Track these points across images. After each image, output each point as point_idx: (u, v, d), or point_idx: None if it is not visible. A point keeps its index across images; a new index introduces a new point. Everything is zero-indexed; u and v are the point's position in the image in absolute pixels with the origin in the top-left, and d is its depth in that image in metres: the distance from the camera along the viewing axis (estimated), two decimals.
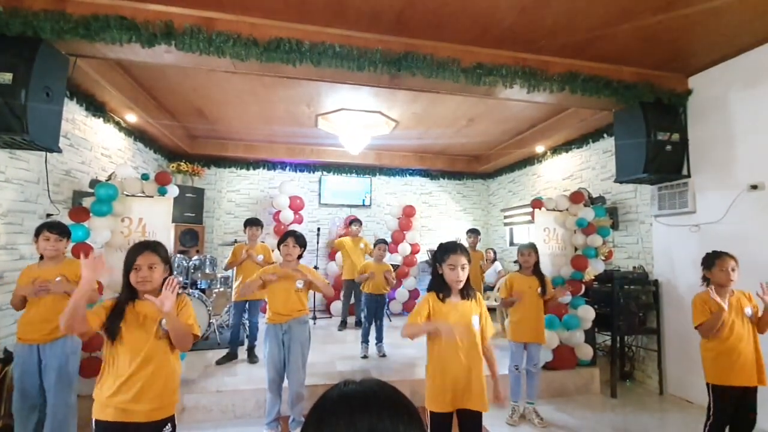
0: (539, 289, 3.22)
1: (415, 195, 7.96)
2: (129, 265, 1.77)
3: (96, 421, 1.69)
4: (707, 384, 2.47)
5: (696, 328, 2.47)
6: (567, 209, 4.11)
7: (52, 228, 2.52)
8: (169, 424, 1.79)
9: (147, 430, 1.72)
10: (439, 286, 2.09)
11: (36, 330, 2.43)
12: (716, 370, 2.42)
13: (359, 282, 4.58)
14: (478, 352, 2.06)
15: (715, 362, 2.43)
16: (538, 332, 3.24)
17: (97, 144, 4.53)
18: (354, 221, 5.91)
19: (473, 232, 5.48)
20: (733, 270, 2.41)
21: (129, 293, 1.78)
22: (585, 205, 4.08)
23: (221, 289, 5.39)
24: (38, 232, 2.51)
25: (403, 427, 0.55)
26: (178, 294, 1.80)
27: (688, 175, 3.74)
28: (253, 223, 4.35)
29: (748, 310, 2.44)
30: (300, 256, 2.98)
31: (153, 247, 1.82)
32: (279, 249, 2.96)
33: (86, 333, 1.76)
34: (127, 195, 3.34)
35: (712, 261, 2.50)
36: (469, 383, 2.00)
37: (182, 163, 6.54)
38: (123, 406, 1.67)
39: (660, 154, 3.61)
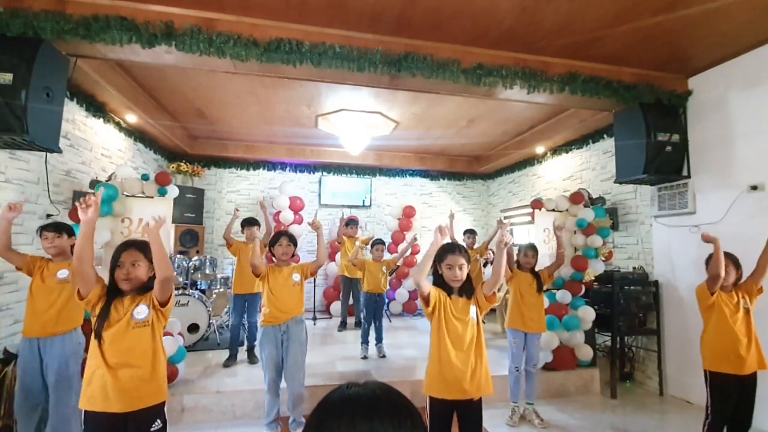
0: (536, 286, 3.32)
1: (415, 195, 7.96)
2: (113, 263, 1.80)
3: (85, 412, 1.71)
4: (705, 375, 2.49)
5: (707, 286, 2.49)
6: (567, 210, 4.12)
7: (46, 228, 2.57)
8: (158, 420, 1.79)
9: (135, 421, 1.73)
10: (440, 285, 2.13)
11: (39, 322, 2.43)
12: (713, 355, 2.45)
13: (353, 263, 4.65)
14: (480, 344, 2.09)
15: (713, 346, 2.46)
16: (534, 323, 3.30)
17: (97, 144, 4.52)
18: (349, 222, 5.90)
19: (471, 233, 5.53)
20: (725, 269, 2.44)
21: (114, 291, 1.80)
22: (585, 206, 4.08)
23: (221, 290, 5.39)
24: (40, 236, 2.56)
25: (404, 431, 0.55)
26: None
27: (688, 176, 3.74)
28: (250, 222, 4.35)
29: (743, 302, 2.48)
30: (293, 255, 3.06)
31: (137, 245, 1.85)
32: (271, 250, 3.00)
33: (89, 282, 1.75)
34: (127, 195, 3.34)
35: (707, 262, 2.58)
36: (470, 373, 2.03)
37: (182, 164, 6.54)
38: (108, 397, 1.69)
39: (660, 155, 3.61)
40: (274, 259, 3.05)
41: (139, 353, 1.76)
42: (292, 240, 3.03)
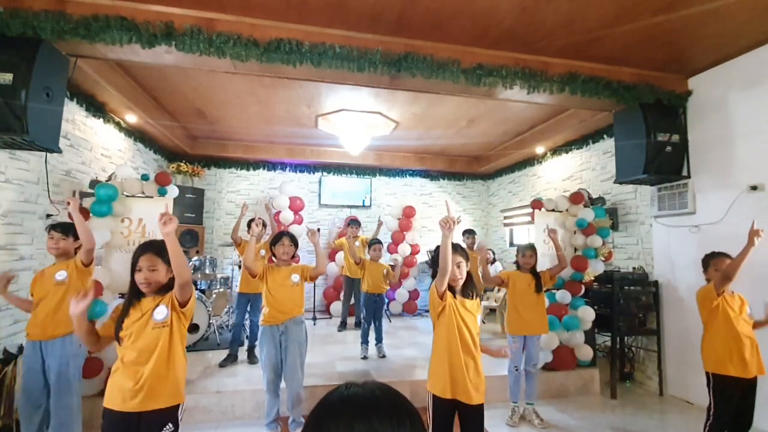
0: (534, 286, 3.28)
1: (415, 195, 7.96)
2: (132, 267, 1.81)
3: (104, 409, 1.74)
4: (707, 378, 2.48)
5: (716, 286, 2.44)
6: (567, 210, 4.11)
7: (54, 227, 2.57)
8: (170, 423, 1.79)
9: (149, 421, 1.74)
10: None
11: (39, 325, 2.44)
12: (720, 359, 2.43)
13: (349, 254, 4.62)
14: (479, 348, 2.11)
15: (719, 350, 2.44)
16: (535, 325, 3.27)
17: (97, 144, 4.53)
18: (351, 222, 5.90)
19: (470, 233, 5.51)
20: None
21: (135, 292, 1.81)
22: (585, 206, 4.08)
23: (221, 290, 5.39)
24: (48, 233, 2.57)
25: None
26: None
27: (688, 176, 3.74)
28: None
29: (748, 309, 2.47)
30: (293, 256, 3.05)
31: (155, 248, 1.83)
32: (272, 249, 3.00)
33: (100, 344, 1.82)
34: (127, 195, 3.34)
35: (708, 261, 2.57)
36: (470, 375, 2.03)
37: (182, 164, 6.54)
38: (124, 396, 1.70)
39: (660, 155, 3.61)
40: (274, 259, 3.05)
41: (154, 353, 1.75)
42: (294, 240, 3.02)
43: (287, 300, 2.90)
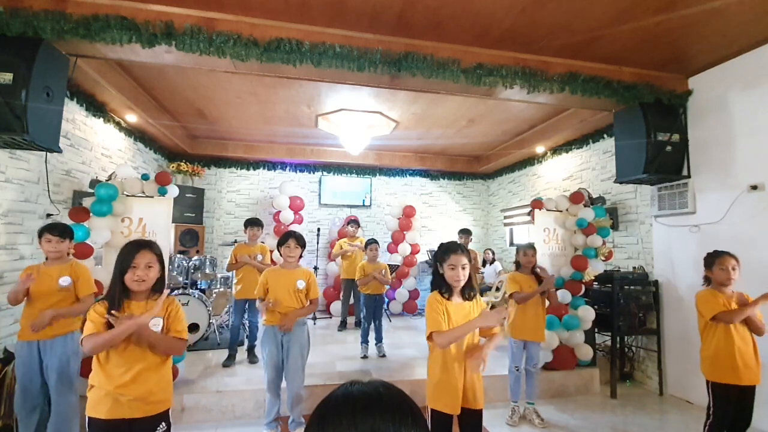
0: (537, 288, 3.23)
1: (415, 195, 7.97)
2: (125, 265, 1.72)
3: (89, 418, 1.69)
4: (707, 383, 2.48)
5: (712, 318, 2.43)
6: (567, 209, 4.12)
7: (52, 230, 2.53)
8: (163, 423, 1.78)
9: (140, 426, 1.72)
10: (440, 286, 2.10)
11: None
12: (717, 369, 2.42)
13: (361, 284, 4.56)
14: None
15: (716, 361, 2.43)
16: (537, 330, 3.26)
17: (98, 144, 4.53)
18: (351, 222, 5.90)
19: (465, 232, 5.48)
20: (733, 269, 2.42)
21: (122, 293, 1.74)
22: (585, 206, 4.08)
23: (221, 290, 5.38)
24: (40, 235, 2.53)
25: (405, 429, 0.55)
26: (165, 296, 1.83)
27: (688, 176, 3.74)
28: (253, 223, 4.34)
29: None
30: (300, 257, 2.99)
31: (150, 245, 1.79)
32: (279, 250, 2.96)
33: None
34: (128, 195, 3.34)
35: (712, 260, 2.53)
36: (472, 384, 2.02)
37: (182, 163, 6.54)
38: (115, 404, 1.67)
39: (660, 155, 3.61)
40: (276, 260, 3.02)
41: (151, 363, 1.74)
42: (300, 242, 2.94)
43: (291, 302, 2.87)
